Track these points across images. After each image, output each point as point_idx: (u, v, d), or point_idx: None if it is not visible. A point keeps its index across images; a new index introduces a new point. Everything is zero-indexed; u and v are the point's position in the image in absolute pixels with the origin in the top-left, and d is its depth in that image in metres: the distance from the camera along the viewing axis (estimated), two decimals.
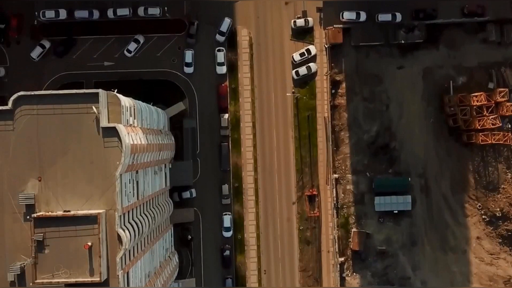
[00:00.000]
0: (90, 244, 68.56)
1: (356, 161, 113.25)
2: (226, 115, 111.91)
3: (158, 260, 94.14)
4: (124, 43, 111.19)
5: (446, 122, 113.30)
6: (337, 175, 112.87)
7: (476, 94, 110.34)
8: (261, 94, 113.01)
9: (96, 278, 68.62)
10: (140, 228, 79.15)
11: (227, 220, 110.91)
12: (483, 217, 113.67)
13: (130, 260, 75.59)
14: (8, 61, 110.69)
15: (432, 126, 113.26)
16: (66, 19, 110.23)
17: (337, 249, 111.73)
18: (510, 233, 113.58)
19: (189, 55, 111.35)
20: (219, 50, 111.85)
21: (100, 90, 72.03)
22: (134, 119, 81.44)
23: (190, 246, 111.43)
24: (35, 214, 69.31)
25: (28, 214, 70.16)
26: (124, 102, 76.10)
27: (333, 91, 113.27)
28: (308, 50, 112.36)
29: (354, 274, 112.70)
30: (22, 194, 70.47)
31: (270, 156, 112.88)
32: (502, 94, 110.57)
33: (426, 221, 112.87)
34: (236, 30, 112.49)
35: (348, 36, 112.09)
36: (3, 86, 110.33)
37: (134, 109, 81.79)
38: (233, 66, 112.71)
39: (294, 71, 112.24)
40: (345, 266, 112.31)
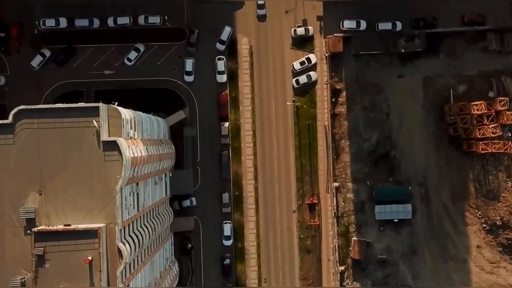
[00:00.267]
0: (90, 258, 68.59)
1: (356, 169, 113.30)
2: (227, 124, 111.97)
3: (158, 270, 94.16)
4: (124, 52, 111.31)
5: (446, 131, 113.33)
6: (337, 184, 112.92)
7: (476, 103, 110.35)
8: (261, 103, 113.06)
9: None
10: (140, 240, 79.17)
11: (227, 228, 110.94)
12: (484, 225, 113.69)
13: (130, 273, 75.64)
14: (8, 69, 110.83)
15: (432, 134, 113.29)
16: (67, 28, 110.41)
17: (337, 257, 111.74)
18: (510, 241, 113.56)
19: (189, 64, 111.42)
20: (220, 59, 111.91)
21: (100, 104, 72.09)
22: (135, 131, 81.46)
23: (190, 255, 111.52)
24: (36, 228, 69.39)
25: (28, 228, 70.25)
26: (124, 115, 76.13)
27: (333, 100, 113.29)
28: (308, 59, 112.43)
29: (355, 282, 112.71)
30: (23, 208, 70.60)
31: (271, 164, 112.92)
32: (503, 103, 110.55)
33: (426, 229, 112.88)
34: (236, 38, 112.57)
35: (348, 44, 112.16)
36: (4, 94, 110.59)
37: (134, 121, 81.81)
38: (233, 75, 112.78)
39: (294, 80, 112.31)
40: (345, 275, 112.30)
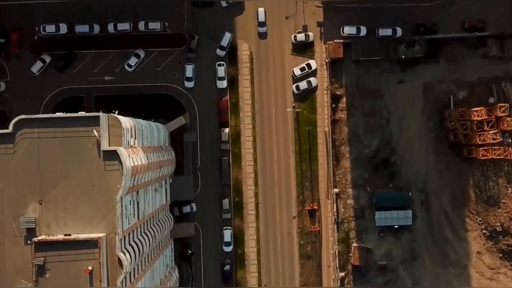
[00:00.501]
0: (90, 268, 68.57)
1: (356, 175, 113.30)
2: (227, 129, 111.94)
3: (158, 277, 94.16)
4: (124, 58, 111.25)
5: (446, 137, 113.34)
6: (337, 190, 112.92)
7: (476, 109, 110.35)
8: (261, 109, 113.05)
9: None
10: (140, 249, 79.17)
11: (228, 234, 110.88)
12: (484, 231, 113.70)
13: (130, 282, 75.62)
14: (8, 75, 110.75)
15: (432, 140, 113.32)
16: (67, 34, 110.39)
17: (337, 264, 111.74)
18: (510, 247, 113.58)
19: (189, 70, 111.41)
20: (220, 65, 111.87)
21: (101, 114, 72.05)
22: (135, 140, 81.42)
23: (191, 261, 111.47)
24: (36, 238, 69.35)
25: (29, 238, 70.19)
26: (125, 123, 76.10)
27: (333, 106, 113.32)
28: (308, 65, 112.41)
29: None
30: (23, 218, 70.54)
31: (271, 170, 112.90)
32: (503, 109, 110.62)
33: (426, 235, 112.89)
34: (236, 44, 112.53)
35: (348, 50, 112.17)
36: (4, 100, 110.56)
37: (135, 129, 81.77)
38: (233, 81, 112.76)
39: (294, 86, 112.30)
40: (345, 281, 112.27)
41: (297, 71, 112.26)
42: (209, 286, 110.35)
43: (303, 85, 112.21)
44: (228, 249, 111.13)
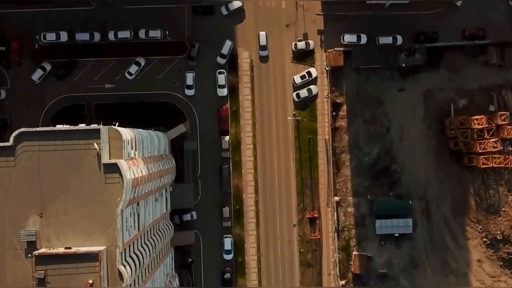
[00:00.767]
0: (91, 281, 68.49)
1: (357, 183, 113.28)
2: (227, 137, 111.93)
3: (159, 286, 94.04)
4: (125, 66, 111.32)
5: (447, 145, 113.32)
6: (338, 198, 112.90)
7: (477, 117, 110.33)
8: (262, 116, 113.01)
9: None
10: (141, 260, 79.12)
11: (228, 242, 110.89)
12: (484, 240, 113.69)
13: None
14: (9, 83, 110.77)
15: (433, 148, 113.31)
16: (67, 42, 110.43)
17: (338, 272, 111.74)
18: (511, 256, 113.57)
19: (190, 78, 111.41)
20: (220, 73, 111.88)
21: (101, 127, 71.99)
22: (135, 151, 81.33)
23: (191, 269, 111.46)
24: (37, 252, 69.27)
25: (29, 251, 70.13)
26: (125, 136, 76.01)
27: (334, 114, 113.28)
28: (309, 73, 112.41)
29: None
30: (24, 231, 70.48)
31: (271, 178, 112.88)
32: (503, 117, 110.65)
33: (427, 244, 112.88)
34: (237, 52, 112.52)
35: (349, 58, 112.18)
36: (4, 108, 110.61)
37: (135, 140, 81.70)
38: (234, 89, 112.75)
39: (295, 94, 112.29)
40: None
41: (297, 79, 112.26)
42: None
43: (304, 93, 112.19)
44: (228, 257, 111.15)
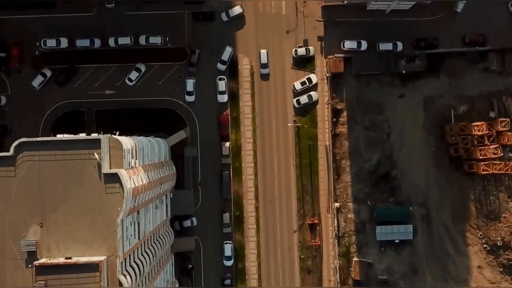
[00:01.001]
0: None
1: (357, 189, 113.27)
2: (227, 144, 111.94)
3: None
4: (125, 72, 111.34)
5: (447, 151, 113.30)
6: (338, 204, 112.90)
7: (477, 123, 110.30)
8: (262, 123, 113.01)
9: None
10: (141, 268, 79.13)
11: (228, 249, 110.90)
12: (484, 246, 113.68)
13: None
14: (9, 89, 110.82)
15: (433, 155, 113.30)
16: (68, 48, 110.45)
17: (338, 278, 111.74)
18: (511, 262, 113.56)
19: (190, 84, 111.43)
20: (220, 79, 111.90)
21: (102, 136, 72.02)
22: (136, 160, 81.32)
23: (191, 275, 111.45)
24: (37, 262, 69.24)
25: (29, 261, 70.14)
26: (126, 145, 76.00)
27: (334, 120, 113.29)
28: (309, 79, 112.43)
29: None
30: (24, 241, 70.50)
31: (271, 184, 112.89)
32: (504, 123, 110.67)
33: (427, 250, 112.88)
34: (237, 58, 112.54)
35: (349, 65, 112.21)
36: (4, 114, 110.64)
37: (135, 149, 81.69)
38: (234, 95, 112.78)
39: (295, 100, 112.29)
40: None
41: (297, 85, 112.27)
42: None
43: (304, 99, 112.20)
44: (228, 263, 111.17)
